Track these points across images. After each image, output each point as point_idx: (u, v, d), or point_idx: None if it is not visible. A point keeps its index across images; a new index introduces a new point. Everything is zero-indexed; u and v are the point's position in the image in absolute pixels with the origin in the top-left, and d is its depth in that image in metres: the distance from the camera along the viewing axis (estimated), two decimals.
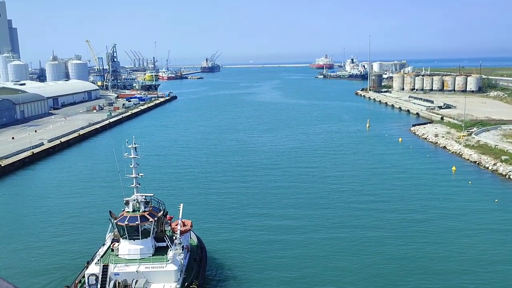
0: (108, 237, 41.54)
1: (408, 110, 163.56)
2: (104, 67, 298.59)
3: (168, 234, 40.56)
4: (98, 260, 37.20)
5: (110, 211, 40.39)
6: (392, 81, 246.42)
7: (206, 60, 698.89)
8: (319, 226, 54.02)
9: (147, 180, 46.82)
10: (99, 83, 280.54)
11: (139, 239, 37.77)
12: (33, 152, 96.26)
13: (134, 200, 39.13)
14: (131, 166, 41.06)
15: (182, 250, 38.85)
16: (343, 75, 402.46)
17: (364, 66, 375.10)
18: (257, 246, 48.94)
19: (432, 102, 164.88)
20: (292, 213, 58.66)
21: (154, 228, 38.65)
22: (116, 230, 39.51)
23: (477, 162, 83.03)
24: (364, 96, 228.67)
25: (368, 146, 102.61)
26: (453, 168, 79.44)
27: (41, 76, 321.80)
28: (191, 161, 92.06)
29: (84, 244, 49.70)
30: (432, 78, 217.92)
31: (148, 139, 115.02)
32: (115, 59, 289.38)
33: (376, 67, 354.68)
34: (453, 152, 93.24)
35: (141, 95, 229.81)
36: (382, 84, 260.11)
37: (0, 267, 44.77)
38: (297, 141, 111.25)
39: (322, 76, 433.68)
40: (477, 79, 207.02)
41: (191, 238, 45.10)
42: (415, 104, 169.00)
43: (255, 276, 42.55)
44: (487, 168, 79.12)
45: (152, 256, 37.63)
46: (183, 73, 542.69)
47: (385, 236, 50.13)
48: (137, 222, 37.43)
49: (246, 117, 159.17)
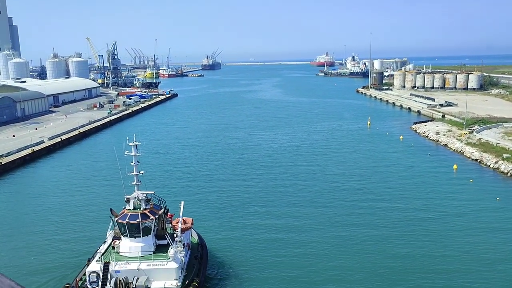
0: (109, 235, 41.54)
1: (409, 108, 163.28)
2: (105, 65, 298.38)
3: (169, 232, 40.57)
4: (99, 258, 37.20)
5: (111, 209, 40.37)
6: (393, 79, 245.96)
7: (207, 58, 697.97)
8: (320, 224, 53.97)
9: (148, 178, 46.74)
10: (100, 81, 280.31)
11: (140, 236, 37.78)
12: (33, 149, 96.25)
13: (135, 198, 39.11)
14: (132, 163, 41.01)
15: (183, 247, 38.84)
16: (344, 73, 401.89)
17: (365, 64, 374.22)
18: (258, 244, 48.89)
19: (433, 100, 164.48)
20: (292, 211, 58.60)
21: (155, 225, 38.63)
22: (117, 227, 39.53)
23: (478, 160, 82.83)
24: (365, 94, 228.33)
25: (369, 144, 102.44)
26: (455, 166, 79.27)
27: (41, 74, 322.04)
28: (192, 159, 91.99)
29: (85, 242, 49.71)
30: (433, 76, 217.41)
31: (148, 137, 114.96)
32: (116, 57, 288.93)
33: (377, 65, 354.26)
34: (454, 150, 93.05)
35: (141, 93, 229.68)
36: (383, 82, 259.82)
37: (1, 265, 44.72)
38: (298, 139, 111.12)
39: (323, 74, 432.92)
40: (479, 76, 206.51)
41: (192, 236, 45.11)
42: (416, 102, 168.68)
43: (255, 274, 42.50)
44: (489, 166, 78.92)
45: (153, 253, 37.66)
46: (184, 71, 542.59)
47: (386, 235, 50.06)
48: (138, 220, 37.43)
49: (246, 115, 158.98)
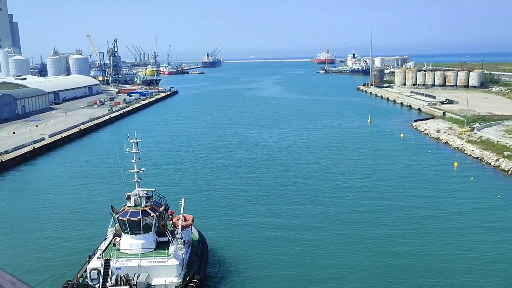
0: (110, 232, 41.58)
1: (409, 106, 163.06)
2: (105, 62, 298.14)
3: (170, 229, 40.59)
4: (100, 255, 37.26)
5: (111, 206, 40.40)
6: (394, 76, 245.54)
7: (207, 55, 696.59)
8: (321, 222, 53.89)
9: (149, 175, 46.75)
10: (100, 78, 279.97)
11: (140, 233, 37.82)
12: (34, 147, 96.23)
13: (136, 195, 39.14)
14: (133, 161, 41.03)
15: (184, 244, 38.86)
16: (344, 70, 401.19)
17: (365, 61, 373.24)
18: (258, 242, 48.92)
19: (434, 97, 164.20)
20: (293, 209, 58.57)
21: (155, 222, 38.67)
22: (117, 224, 39.58)
23: (479, 158, 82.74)
24: (365, 91, 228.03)
25: (369, 142, 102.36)
26: (455, 164, 79.19)
27: (42, 71, 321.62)
28: (193, 157, 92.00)
29: (86, 239, 49.77)
30: (434, 73, 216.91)
31: (149, 134, 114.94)
32: (116, 54, 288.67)
33: (377, 62, 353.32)
34: (455, 147, 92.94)
35: (142, 90, 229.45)
36: (384, 79, 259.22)
37: (2, 263, 44.75)
38: (299, 136, 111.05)
39: (323, 71, 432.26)
40: (479, 74, 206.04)
41: (192, 233, 45.15)
42: (416, 99, 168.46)
43: (256, 272, 42.53)
44: (490, 164, 78.83)
45: (154, 250, 37.70)
46: (184, 68, 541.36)
47: (387, 233, 49.92)
48: (138, 217, 37.46)
49: (247, 112, 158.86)
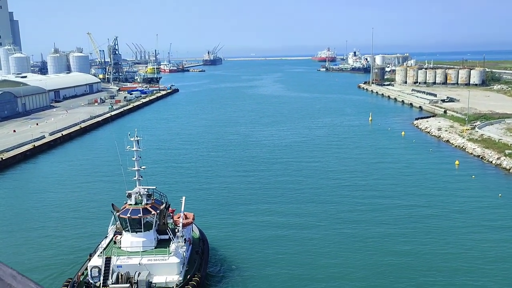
0: (111, 230, 41.58)
1: (410, 104, 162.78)
2: (106, 60, 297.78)
3: (170, 227, 40.59)
4: (100, 253, 37.26)
5: (112, 204, 40.38)
6: (395, 74, 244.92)
7: (208, 53, 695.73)
8: (322, 221, 53.68)
9: (149, 173, 46.72)
10: (101, 76, 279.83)
11: (141, 231, 37.80)
12: (34, 145, 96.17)
13: (137, 193, 39.10)
14: (133, 159, 41.01)
15: (184, 242, 38.86)
16: (345, 68, 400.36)
17: (366, 59, 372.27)
18: (259, 240, 48.87)
19: (435, 95, 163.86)
20: (294, 208, 58.47)
21: (156, 220, 38.64)
22: (118, 222, 39.56)
23: (480, 156, 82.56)
24: (366, 89, 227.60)
25: (370, 140, 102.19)
26: (456, 162, 79.02)
27: (42, 69, 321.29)
28: (193, 155, 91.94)
29: (87, 237, 49.74)
30: (435, 71, 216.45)
31: (149, 132, 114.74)
32: (117, 52, 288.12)
33: (378, 60, 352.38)
34: (456, 146, 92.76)
35: (142, 88, 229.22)
36: (385, 77, 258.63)
37: (2, 261, 44.77)
38: (300, 134, 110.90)
39: (324, 69, 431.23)
40: (481, 72, 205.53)
41: (193, 231, 45.11)
42: (418, 97, 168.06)
43: (256, 270, 42.48)
44: (491, 162, 78.66)
45: (155, 248, 37.67)
46: (185, 66, 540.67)
47: (388, 232, 49.69)
48: (139, 215, 37.43)
49: (248, 111, 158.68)
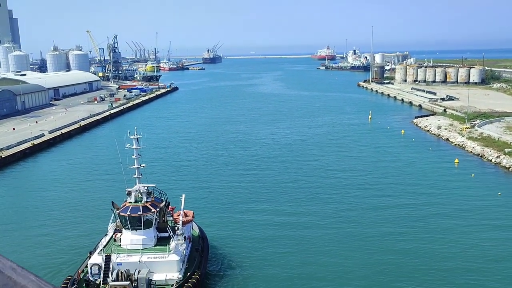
0: (111, 228, 41.63)
1: (410, 102, 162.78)
2: (105, 58, 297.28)
3: (170, 225, 40.61)
4: (100, 250, 37.28)
5: (112, 202, 40.39)
6: (395, 72, 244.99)
7: (208, 51, 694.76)
8: (321, 220, 53.48)
9: (149, 171, 46.71)
10: (100, 74, 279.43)
11: (141, 229, 37.85)
12: (33, 143, 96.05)
13: (136, 191, 39.13)
14: (133, 156, 41.03)
15: (184, 240, 38.94)
16: (345, 67, 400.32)
17: (366, 58, 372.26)
18: (258, 237, 48.92)
19: (435, 94, 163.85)
20: (293, 207, 58.44)
21: (156, 218, 38.69)
22: (118, 220, 39.59)
23: (480, 155, 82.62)
24: (366, 87, 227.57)
25: (370, 139, 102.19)
26: (456, 161, 79.07)
27: (42, 67, 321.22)
28: (193, 153, 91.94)
29: (87, 234, 49.76)
30: (435, 70, 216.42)
31: (149, 130, 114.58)
32: (116, 50, 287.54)
33: (378, 59, 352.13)
34: (456, 144, 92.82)
35: (142, 86, 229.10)
36: (385, 75, 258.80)
37: None
38: (299, 133, 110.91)
39: (324, 68, 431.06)
40: (480, 70, 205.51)
41: (193, 228, 45.18)
42: (417, 96, 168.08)
43: (255, 267, 42.54)
44: (490, 160, 78.72)
45: (155, 246, 37.71)
46: (185, 64, 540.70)
47: (388, 231, 49.55)
48: (139, 213, 37.47)
49: (247, 109, 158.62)
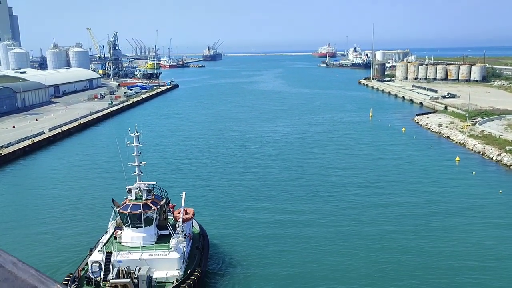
0: (111, 225, 41.57)
1: (411, 100, 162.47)
2: (106, 55, 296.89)
3: (171, 222, 40.56)
4: (101, 248, 37.23)
5: (112, 199, 40.32)
6: (395, 70, 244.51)
7: (208, 49, 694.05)
8: (322, 218, 53.26)
9: (150, 169, 46.60)
10: (101, 72, 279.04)
11: (141, 227, 37.80)
12: (33, 140, 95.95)
13: (137, 188, 39.06)
14: (134, 154, 40.93)
15: (185, 238, 38.89)
16: (345, 64, 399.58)
17: (367, 55, 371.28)
18: (259, 235, 48.84)
19: (436, 91, 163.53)
20: (294, 205, 58.28)
21: (156, 216, 38.62)
22: (118, 218, 39.52)
23: (481, 153, 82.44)
24: (367, 85, 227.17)
25: (371, 136, 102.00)
26: (457, 159, 78.89)
27: (42, 64, 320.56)
28: (193, 151, 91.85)
29: (87, 232, 49.70)
30: (436, 67, 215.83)
31: (149, 128, 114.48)
32: (117, 47, 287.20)
33: (379, 56, 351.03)
34: (457, 142, 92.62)
35: (142, 84, 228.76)
36: (385, 73, 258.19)
37: None
38: (300, 131, 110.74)
39: (324, 65, 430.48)
40: (481, 68, 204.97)
41: (193, 226, 45.11)
42: (418, 93, 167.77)
43: (256, 265, 42.47)
44: (491, 158, 78.55)
45: (155, 244, 37.67)
46: (185, 62, 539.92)
47: (389, 230, 49.29)
48: (139, 210, 37.40)
49: (248, 106, 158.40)
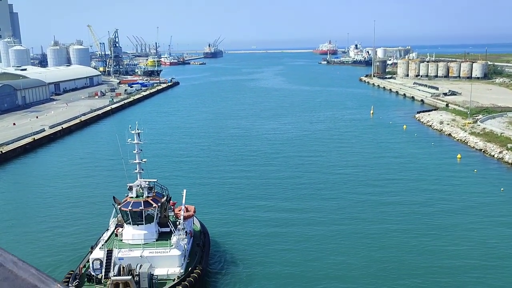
0: (112, 223, 41.56)
1: (412, 97, 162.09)
2: (106, 53, 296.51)
3: (172, 220, 40.54)
4: (102, 245, 37.22)
5: (113, 197, 40.30)
6: (397, 67, 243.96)
7: (209, 46, 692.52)
8: (323, 217, 53.02)
9: (151, 166, 46.57)
10: (101, 69, 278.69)
11: (142, 224, 37.77)
12: (34, 138, 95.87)
13: (138, 186, 39.01)
14: (134, 151, 40.86)
15: (186, 235, 38.87)
16: (346, 61, 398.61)
17: (368, 52, 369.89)
18: (259, 233, 48.79)
19: (437, 88, 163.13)
20: (295, 204, 58.10)
21: (157, 213, 38.59)
22: (119, 215, 39.52)
23: (482, 150, 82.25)
24: (368, 82, 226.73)
25: (372, 134, 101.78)
26: (458, 156, 78.72)
27: (42, 62, 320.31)
28: (194, 148, 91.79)
29: (88, 229, 49.70)
30: (437, 65, 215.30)
31: (150, 125, 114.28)
32: (117, 45, 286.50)
33: (380, 53, 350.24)
34: (458, 139, 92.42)
35: (143, 81, 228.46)
36: (386, 70, 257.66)
37: None
38: (301, 128, 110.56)
39: (325, 62, 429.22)
40: (483, 65, 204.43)
41: (194, 223, 45.08)
42: (419, 90, 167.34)
43: (257, 263, 42.44)
44: (493, 156, 78.37)
45: (156, 241, 37.65)
46: (186, 59, 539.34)
47: (390, 228, 49.07)
48: (140, 208, 37.37)
49: (249, 104, 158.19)
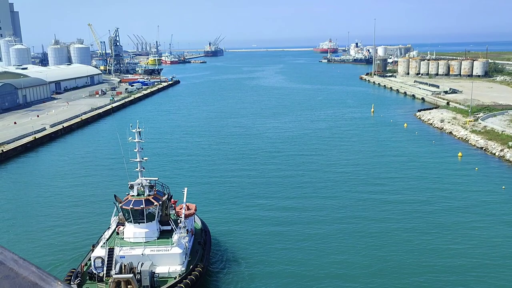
0: (113, 221, 41.69)
1: (413, 95, 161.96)
2: (107, 51, 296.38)
3: (173, 218, 40.65)
4: (103, 244, 37.32)
5: (115, 195, 40.41)
6: (397, 65, 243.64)
7: (209, 44, 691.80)
8: (324, 216, 53.06)
9: (152, 164, 46.69)
10: (102, 68, 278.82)
11: (144, 222, 37.87)
12: (35, 137, 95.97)
13: (139, 184, 39.09)
14: (136, 150, 40.92)
15: (187, 233, 39.00)
16: (347, 60, 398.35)
17: (368, 50, 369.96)
18: (260, 232, 48.85)
19: (438, 87, 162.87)
20: (295, 202, 58.13)
21: (158, 211, 38.69)
22: (121, 213, 39.63)
23: (483, 148, 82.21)
24: (368, 80, 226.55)
25: (373, 132, 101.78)
26: (459, 154, 78.70)
27: (43, 60, 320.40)
28: (195, 146, 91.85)
29: (89, 228, 49.85)
30: (438, 63, 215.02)
31: (151, 124, 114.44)
32: (118, 43, 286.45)
33: (380, 51, 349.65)
34: (459, 137, 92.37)
35: (144, 80, 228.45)
36: (387, 68, 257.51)
37: None
38: (301, 127, 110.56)
39: (326, 61, 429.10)
40: (484, 63, 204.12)
41: (195, 221, 45.19)
42: (420, 89, 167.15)
43: (258, 261, 42.51)
44: (494, 154, 78.33)
45: (157, 239, 37.77)
46: (186, 57, 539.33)
47: (391, 227, 49.04)
48: (142, 206, 37.46)
49: (249, 102, 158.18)
